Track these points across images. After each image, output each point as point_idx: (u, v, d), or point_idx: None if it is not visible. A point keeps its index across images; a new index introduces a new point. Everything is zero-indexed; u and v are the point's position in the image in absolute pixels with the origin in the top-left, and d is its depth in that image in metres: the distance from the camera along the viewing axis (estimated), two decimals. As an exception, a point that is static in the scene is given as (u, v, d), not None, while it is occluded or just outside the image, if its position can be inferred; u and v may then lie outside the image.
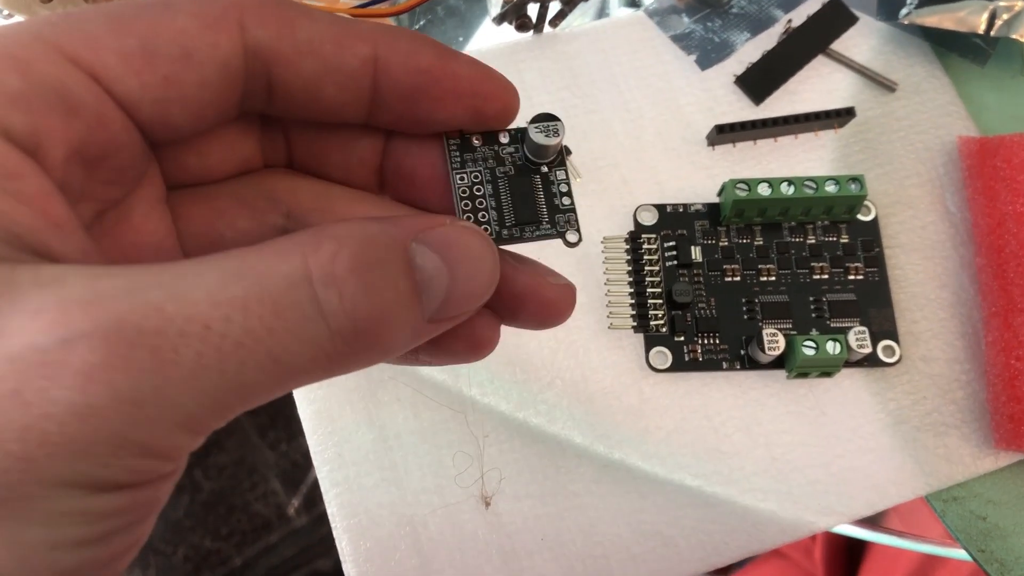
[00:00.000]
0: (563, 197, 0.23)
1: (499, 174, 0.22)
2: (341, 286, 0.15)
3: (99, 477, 0.13)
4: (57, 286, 0.13)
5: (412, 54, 0.18)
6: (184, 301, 0.13)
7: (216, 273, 0.14)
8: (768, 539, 0.32)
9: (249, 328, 0.14)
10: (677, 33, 0.38)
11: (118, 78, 0.15)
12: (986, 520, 0.33)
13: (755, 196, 0.33)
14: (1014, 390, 0.32)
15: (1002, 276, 0.34)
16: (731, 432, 0.33)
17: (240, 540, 0.97)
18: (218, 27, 0.16)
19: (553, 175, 0.23)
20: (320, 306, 0.14)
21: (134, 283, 0.13)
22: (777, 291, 0.34)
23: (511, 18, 0.38)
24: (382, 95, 0.18)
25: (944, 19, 0.37)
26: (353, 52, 0.17)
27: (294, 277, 0.14)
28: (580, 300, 0.34)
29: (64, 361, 0.12)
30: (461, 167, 0.22)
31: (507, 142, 0.22)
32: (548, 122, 0.22)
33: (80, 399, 0.12)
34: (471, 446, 0.32)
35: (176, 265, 0.14)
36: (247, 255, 0.14)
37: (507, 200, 0.22)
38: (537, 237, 0.22)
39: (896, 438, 0.33)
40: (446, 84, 0.18)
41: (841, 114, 0.37)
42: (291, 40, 0.17)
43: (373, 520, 0.31)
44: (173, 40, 0.16)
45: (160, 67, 0.16)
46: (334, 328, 0.15)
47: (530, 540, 0.31)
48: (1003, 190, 0.34)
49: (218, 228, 0.19)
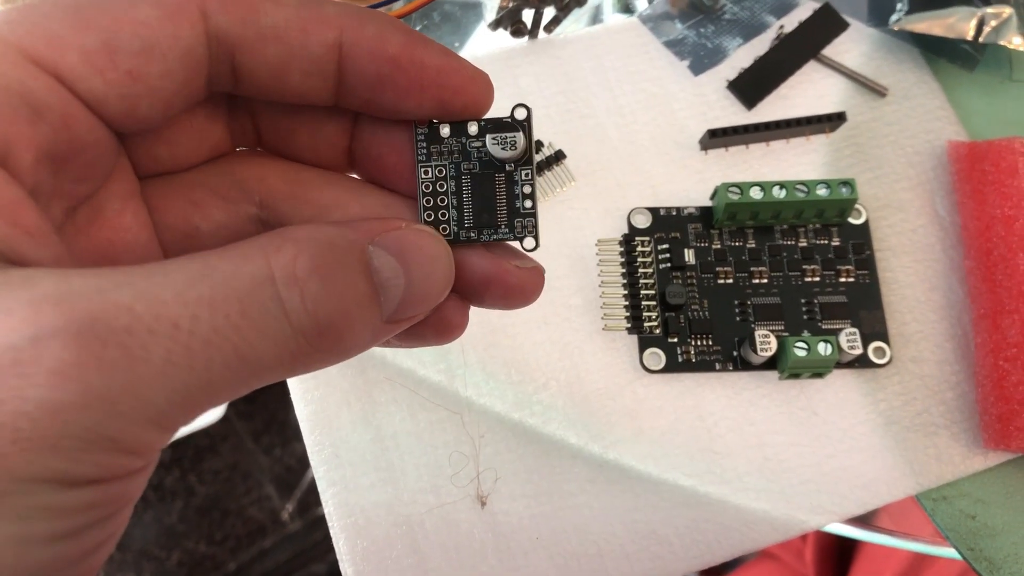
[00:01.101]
0: (525, 200, 0.22)
1: (463, 170, 0.22)
2: (302, 286, 0.15)
3: (71, 472, 0.13)
4: (27, 286, 0.13)
5: (379, 41, 0.17)
6: (153, 300, 0.14)
7: (183, 273, 0.14)
8: (761, 538, 0.32)
9: (216, 326, 0.14)
10: (670, 39, 0.39)
11: (82, 77, 0.15)
12: (975, 519, 0.33)
13: (747, 199, 0.33)
14: (1002, 390, 0.33)
15: (990, 279, 0.34)
16: (724, 432, 0.33)
17: (234, 545, 0.97)
18: (179, 16, 0.16)
19: (518, 174, 0.23)
20: (283, 305, 0.15)
21: (104, 283, 0.14)
22: (769, 293, 0.35)
23: (506, 24, 0.38)
24: (347, 81, 0.18)
25: (933, 25, 0.38)
26: (318, 38, 0.17)
27: (258, 277, 0.15)
28: (574, 302, 0.35)
29: (36, 359, 0.13)
30: (427, 160, 0.22)
31: (476, 133, 0.22)
32: (506, 133, 0.21)
33: (53, 396, 0.13)
34: (467, 446, 0.33)
35: (144, 267, 0.14)
36: (213, 257, 0.15)
37: (468, 201, 0.22)
38: (494, 240, 0.22)
39: (887, 438, 0.34)
40: (412, 74, 0.18)
41: (832, 119, 0.37)
42: (254, 26, 0.17)
43: (370, 520, 0.32)
44: (135, 33, 0.16)
45: (123, 62, 0.16)
46: (296, 326, 0.15)
47: (525, 539, 0.32)
48: (991, 194, 0.35)
49: (194, 220, 0.19)
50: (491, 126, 0.21)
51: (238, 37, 0.17)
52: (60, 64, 0.15)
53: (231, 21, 0.16)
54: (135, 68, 0.16)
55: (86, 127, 0.16)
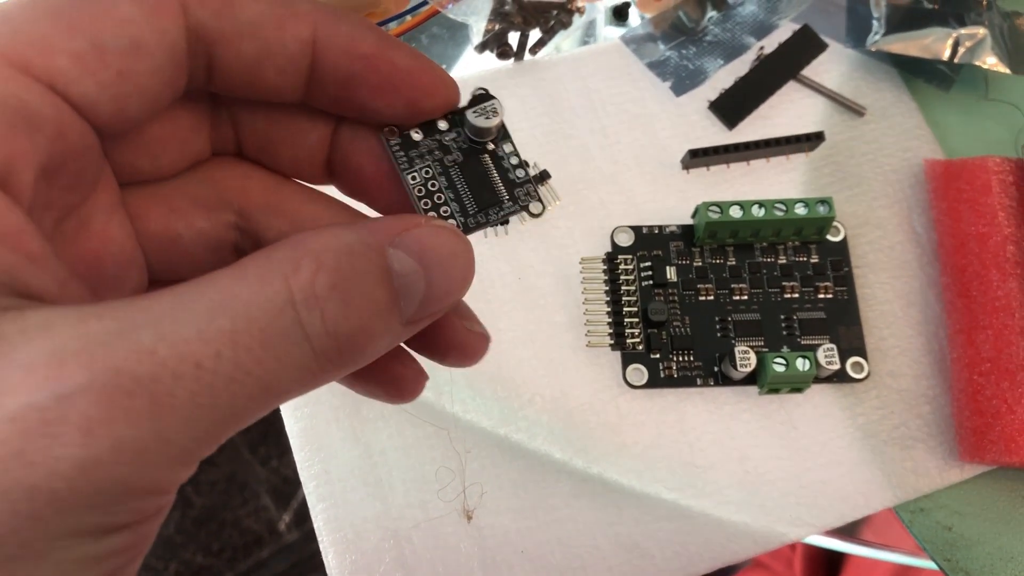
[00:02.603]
0: (516, 170, 0.23)
1: (448, 163, 0.22)
2: (323, 306, 0.15)
3: (106, 523, 0.13)
4: (45, 335, 0.13)
5: (352, 39, 0.18)
6: (175, 340, 0.13)
7: (202, 304, 0.14)
8: (741, 550, 0.33)
9: (239, 362, 0.14)
10: (653, 60, 0.40)
11: (74, 81, 0.15)
12: (952, 530, 0.34)
13: (727, 218, 0.34)
14: (977, 404, 0.33)
15: (965, 295, 0.35)
16: (705, 446, 0.34)
17: (231, 556, 0.97)
18: (162, 11, 0.16)
19: (501, 150, 0.23)
20: (304, 329, 0.15)
21: (122, 324, 0.13)
22: (749, 310, 0.36)
23: (492, 46, 0.39)
24: (320, 77, 0.18)
25: (910, 46, 0.39)
26: (293, 34, 0.17)
27: (277, 302, 0.14)
28: (559, 319, 0.36)
29: (64, 417, 0.12)
30: (410, 165, 0.22)
31: (447, 128, 0.22)
32: (484, 103, 0.21)
33: (83, 453, 0.12)
34: (454, 462, 0.33)
35: (160, 299, 0.14)
36: (230, 282, 0.14)
37: (464, 188, 0.22)
38: (503, 217, 0.22)
39: (865, 451, 0.34)
40: (384, 73, 0.18)
41: (811, 138, 0.38)
42: (232, 21, 0.17)
43: (358, 534, 0.32)
44: (121, 32, 0.15)
45: (113, 63, 0.15)
46: (318, 349, 0.15)
47: (511, 553, 0.32)
48: (966, 211, 0.36)
49: (176, 228, 0.19)
50: (462, 109, 0.21)
51: (216, 31, 0.17)
52: (51, 70, 0.15)
53: (209, 15, 0.16)
54: (125, 67, 0.15)
55: (78, 133, 0.16)
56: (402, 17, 0.40)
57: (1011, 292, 0.34)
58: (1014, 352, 0.33)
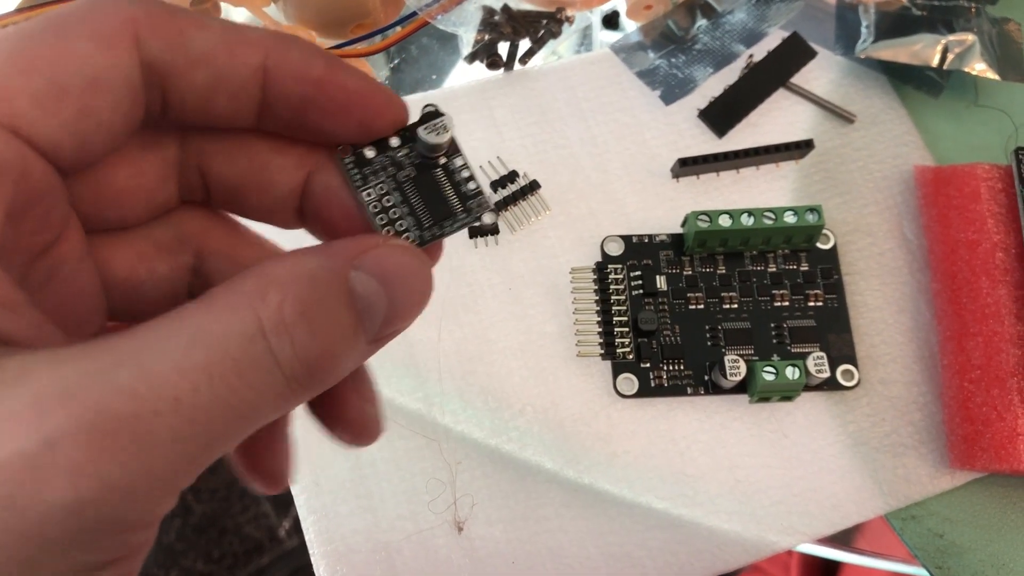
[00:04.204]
0: (468, 182, 0.24)
1: (402, 179, 0.23)
2: (291, 333, 0.15)
3: (96, 560, 0.14)
4: (26, 382, 0.13)
5: (302, 64, 0.18)
6: (153, 377, 0.14)
7: (177, 340, 0.14)
8: (733, 559, 0.33)
9: (216, 393, 0.14)
10: (642, 69, 0.40)
11: (34, 123, 0.15)
12: (943, 537, 0.34)
13: (716, 227, 0.34)
14: (968, 411, 0.33)
15: (956, 301, 0.35)
16: (696, 455, 0.34)
17: (232, 563, 0.97)
18: (117, 45, 0.16)
19: (452, 164, 0.24)
20: (275, 356, 0.15)
21: (100, 365, 0.14)
22: (739, 318, 0.36)
23: (482, 57, 0.39)
24: (272, 102, 0.18)
25: (899, 53, 0.39)
26: (244, 61, 0.17)
27: (248, 332, 0.15)
28: (549, 329, 0.36)
29: (51, 463, 0.13)
30: (364, 183, 0.22)
31: (398, 144, 0.22)
32: (435, 119, 0.22)
33: (73, 495, 0.13)
34: (444, 473, 0.33)
35: (135, 337, 0.14)
36: (201, 316, 0.15)
37: (418, 202, 0.23)
38: (458, 227, 0.23)
39: (856, 459, 0.34)
40: (335, 96, 0.18)
41: (801, 146, 0.38)
42: (183, 52, 0.17)
43: (349, 546, 0.32)
44: (78, 69, 0.15)
45: (72, 102, 0.15)
46: (289, 375, 0.15)
47: (502, 564, 0.32)
48: (956, 218, 0.36)
49: (139, 274, 0.19)
50: (413, 126, 0.22)
51: (170, 63, 0.16)
52: (11, 114, 0.15)
53: (162, 47, 0.16)
54: (84, 104, 0.16)
55: (41, 174, 0.16)
56: (392, 28, 0.40)
57: (1000, 299, 0.34)
58: (1004, 359, 0.33)
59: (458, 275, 0.36)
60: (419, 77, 0.43)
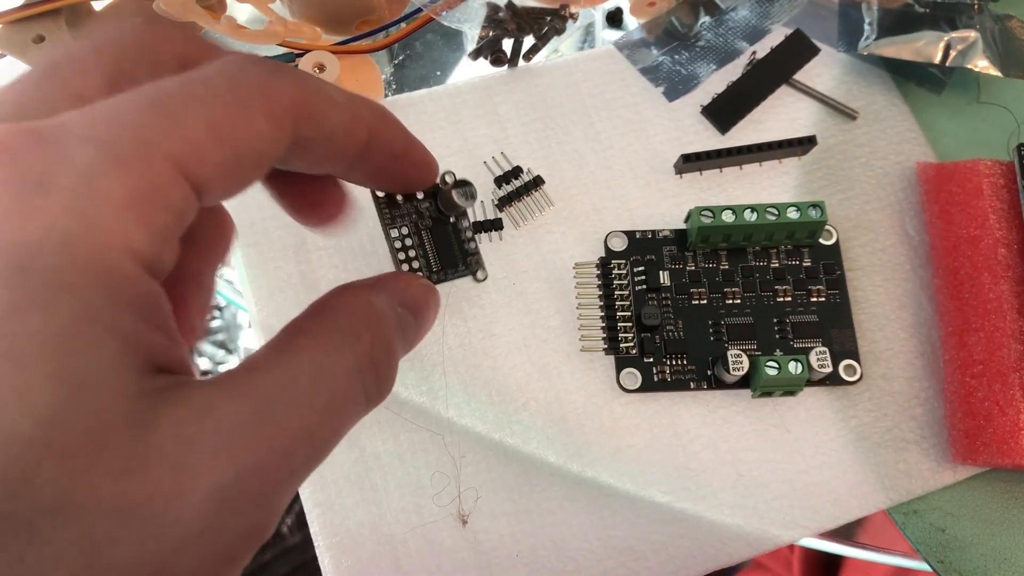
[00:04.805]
0: (469, 243, 0.30)
1: (421, 227, 0.29)
2: (378, 369, 0.19)
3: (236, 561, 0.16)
4: (217, 420, 0.15)
5: (393, 141, 0.22)
6: (299, 415, 0.17)
7: (305, 378, 0.17)
8: (735, 553, 0.33)
9: (332, 426, 0.18)
10: (646, 66, 0.40)
11: (212, 189, 0.16)
12: (945, 532, 0.34)
13: (719, 223, 0.34)
14: (969, 406, 0.33)
15: (957, 297, 0.35)
16: (699, 450, 0.34)
17: (234, 559, 0.98)
18: (283, 126, 0.17)
19: (460, 224, 0.30)
20: (364, 387, 0.19)
21: (257, 404, 0.16)
22: (742, 313, 0.36)
23: (486, 53, 0.39)
24: (359, 163, 0.21)
25: (902, 50, 0.39)
26: (357, 138, 0.20)
27: (350, 369, 0.18)
28: (553, 324, 0.36)
29: (242, 494, 0.15)
30: (392, 223, 0.28)
31: (422, 198, 0.28)
32: (466, 187, 0.28)
33: (258, 520, 0.16)
34: (448, 466, 0.34)
35: (270, 372, 0.17)
36: (314, 352, 0.18)
37: (432, 249, 0.29)
38: (455, 277, 0.30)
39: (858, 454, 0.34)
40: (404, 167, 0.23)
41: (804, 142, 0.38)
42: (321, 131, 0.19)
43: (354, 539, 0.33)
44: (254, 146, 0.17)
45: (243, 176, 0.17)
46: (369, 401, 0.19)
47: (505, 557, 0.33)
48: (958, 214, 0.36)
49: None
50: (448, 186, 0.28)
51: (308, 140, 0.18)
52: (200, 177, 0.16)
53: (309, 128, 0.18)
54: (248, 179, 0.17)
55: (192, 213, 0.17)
56: (397, 24, 0.40)
57: (1002, 294, 0.34)
58: (1006, 354, 0.33)
59: (462, 270, 0.36)
60: (423, 73, 0.44)
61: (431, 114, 0.38)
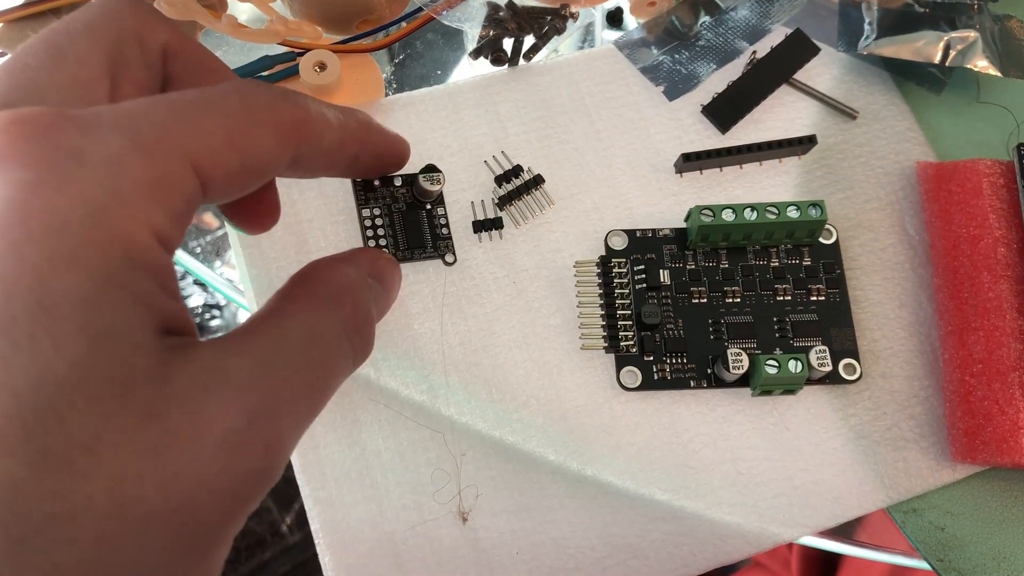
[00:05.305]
0: (442, 228, 0.33)
1: (394, 210, 0.32)
2: (360, 332, 0.21)
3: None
4: (226, 373, 0.17)
5: (376, 146, 0.25)
6: (296, 369, 0.19)
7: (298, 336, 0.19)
8: (735, 551, 0.33)
9: (327, 382, 0.20)
10: (646, 65, 0.40)
11: (217, 188, 0.18)
12: (944, 530, 0.34)
13: (719, 222, 0.35)
14: (969, 405, 0.34)
15: (957, 296, 0.35)
16: (699, 448, 0.34)
17: (233, 557, 0.98)
18: (288, 145, 0.20)
19: (435, 211, 0.33)
20: (353, 351, 0.21)
21: (258, 359, 0.18)
22: (742, 312, 0.36)
23: (487, 52, 0.39)
24: (347, 165, 0.24)
25: (902, 50, 0.39)
26: (348, 152, 0.23)
27: (338, 331, 0.20)
28: (553, 322, 0.36)
29: (252, 438, 0.17)
30: (365, 204, 0.32)
31: (400, 185, 0.32)
32: (433, 173, 0.32)
33: (265, 463, 0.17)
34: (449, 464, 0.34)
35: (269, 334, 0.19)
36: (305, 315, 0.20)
37: (400, 230, 0.32)
38: (423, 258, 0.33)
39: (857, 452, 0.35)
40: (385, 163, 0.26)
41: (804, 142, 0.38)
42: (318, 149, 0.21)
43: (355, 537, 0.33)
44: (259, 157, 0.19)
45: (246, 182, 0.19)
46: (354, 360, 0.21)
47: (505, 554, 0.33)
48: (957, 213, 0.36)
49: None
50: (416, 174, 0.32)
51: (306, 157, 0.21)
52: (210, 178, 0.18)
53: (308, 147, 0.21)
54: (249, 187, 0.20)
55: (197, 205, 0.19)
56: (397, 23, 0.40)
57: (1002, 294, 0.34)
58: (1005, 353, 0.33)
59: (462, 268, 0.36)
60: (424, 73, 0.44)
61: (431, 113, 0.38)
